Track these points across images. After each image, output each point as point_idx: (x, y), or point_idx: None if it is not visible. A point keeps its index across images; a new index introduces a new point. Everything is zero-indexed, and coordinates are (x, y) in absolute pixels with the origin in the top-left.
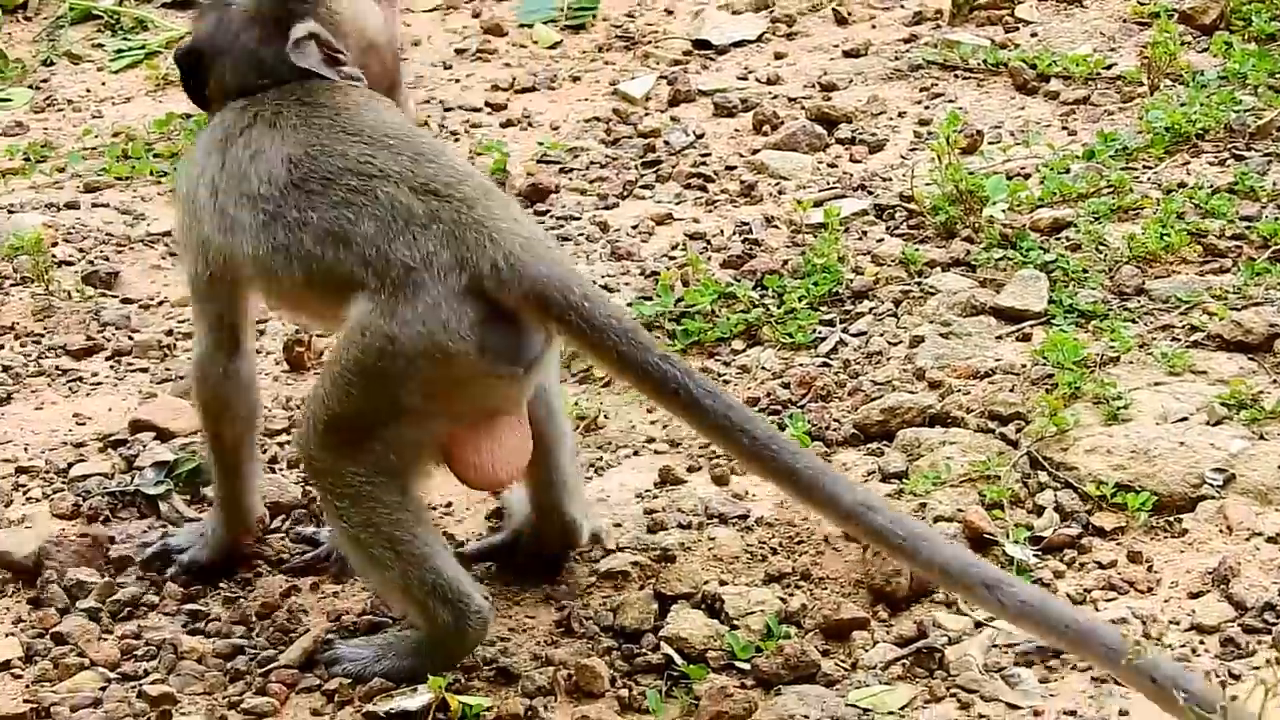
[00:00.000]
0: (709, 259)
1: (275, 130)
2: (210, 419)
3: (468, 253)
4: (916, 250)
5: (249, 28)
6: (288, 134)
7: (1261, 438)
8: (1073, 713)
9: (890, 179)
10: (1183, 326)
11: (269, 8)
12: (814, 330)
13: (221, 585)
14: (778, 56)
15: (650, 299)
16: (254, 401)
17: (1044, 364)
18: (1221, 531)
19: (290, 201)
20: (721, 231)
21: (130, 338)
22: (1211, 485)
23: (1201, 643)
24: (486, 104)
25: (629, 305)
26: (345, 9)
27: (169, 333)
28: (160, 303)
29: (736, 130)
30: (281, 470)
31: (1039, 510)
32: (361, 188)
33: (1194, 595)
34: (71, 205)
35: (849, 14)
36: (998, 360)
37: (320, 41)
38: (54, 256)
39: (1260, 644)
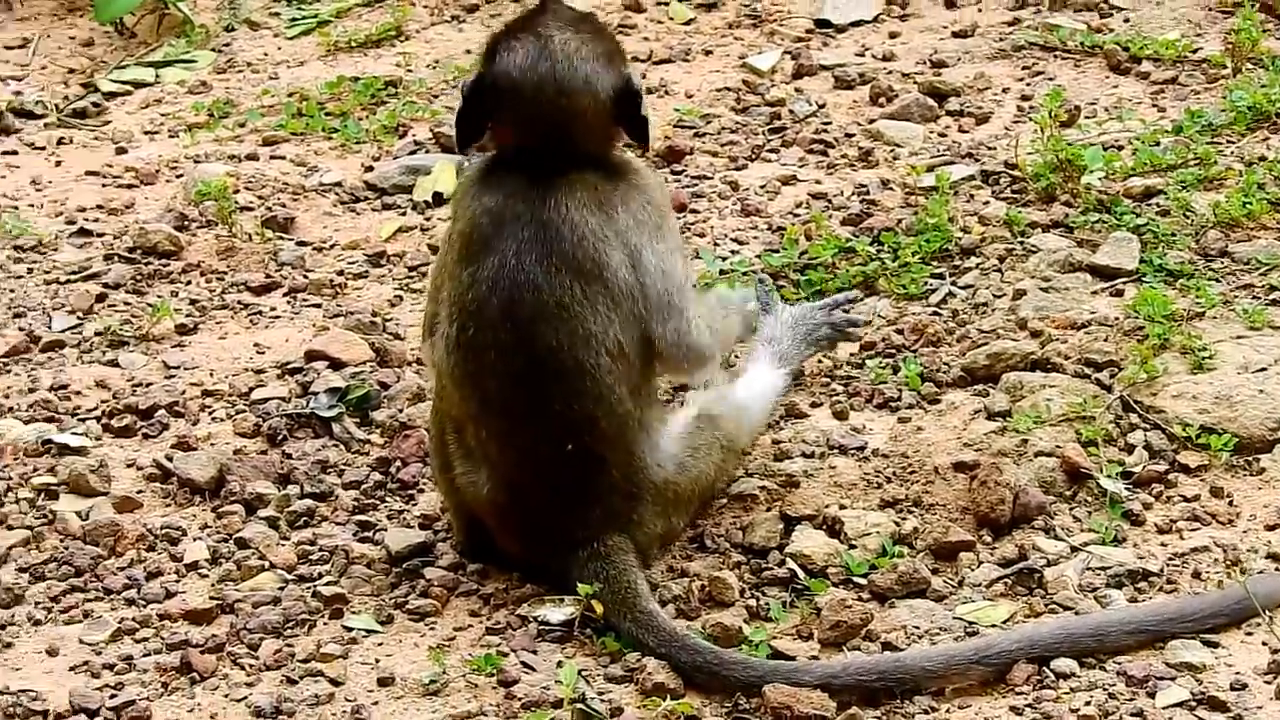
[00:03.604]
0: (830, 216)
1: None
2: None
3: None
4: (1019, 212)
5: None
6: None
7: None
8: None
9: (995, 148)
10: (1262, 286)
11: None
12: (926, 282)
13: (387, 500)
14: (892, 35)
15: (777, 251)
16: None
17: (1135, 317)
18: None
19: None
20: (841, 192)
21: (305, 276)
22: None
23: (1276, 569)
24: None
25: (757, 257)
26: None
27: (340, 273)
28: (332, 246)
29: (855, 101)
30: None
31: (1130, 448)
32: None
33: (1270, 527)
34: (251, 157)
35: None
36: (1093, 313)
37: None
38: (236, 202)
39: None
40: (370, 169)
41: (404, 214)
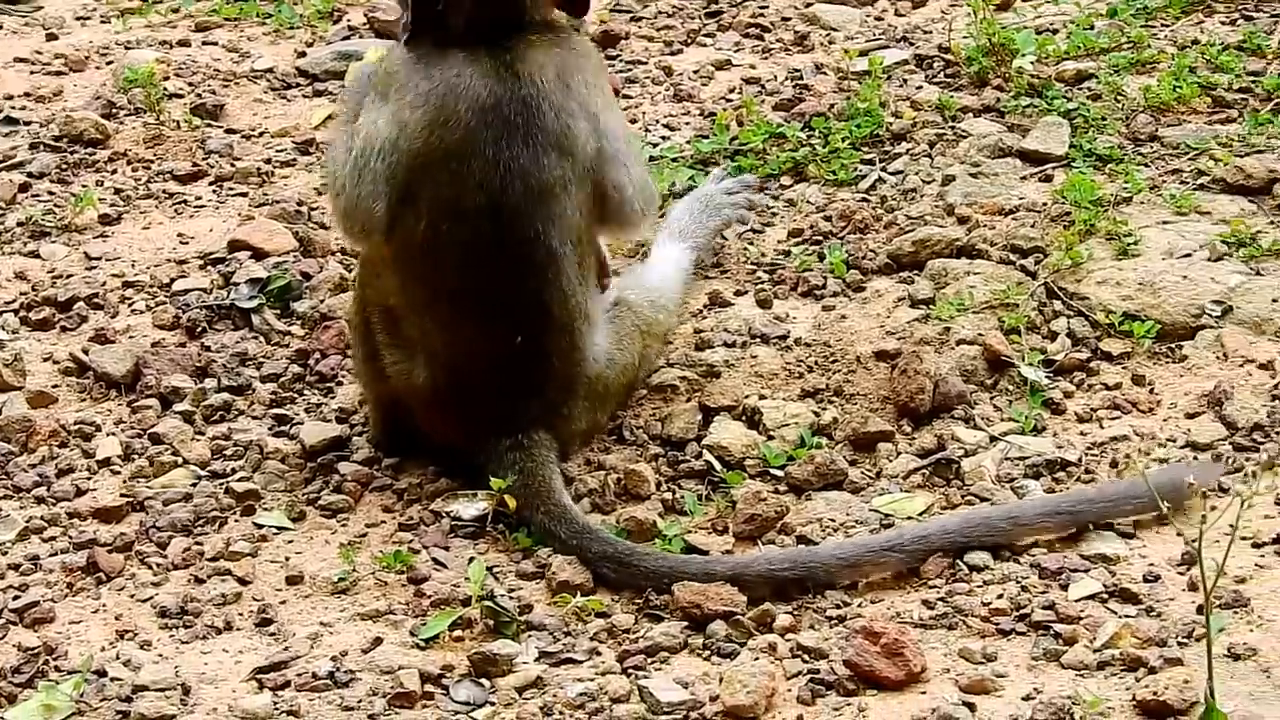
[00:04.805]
0: (762, 102)
1: None
2: None
3: None
4: (951, 97)
5: None
6: None
7: (1258, 273)
8: None
9: (931, 32)
10: (1190, 171)
11: None
12: (855, 168)
13: (305, 393)
14: None
15: (707, 137)
16: None
17: (1063, 203)
18: (1218, 358)
19: None
20: (775, 77)
21: (232, 165)
22: (1210, 316)
23: (1195, 459)
24: None
25: (688, 143)
26: None
27: (268, 161)
28: (261, 133)
29: None
30: None
31: (1053, 336)
32: None
33: (1190, 416)
34: (183, 43)
35: None
36: (1021, 198)
37: None
38: (165, 89)
39: (1249, 460)
40: (303, 55)
41: (335, 100)
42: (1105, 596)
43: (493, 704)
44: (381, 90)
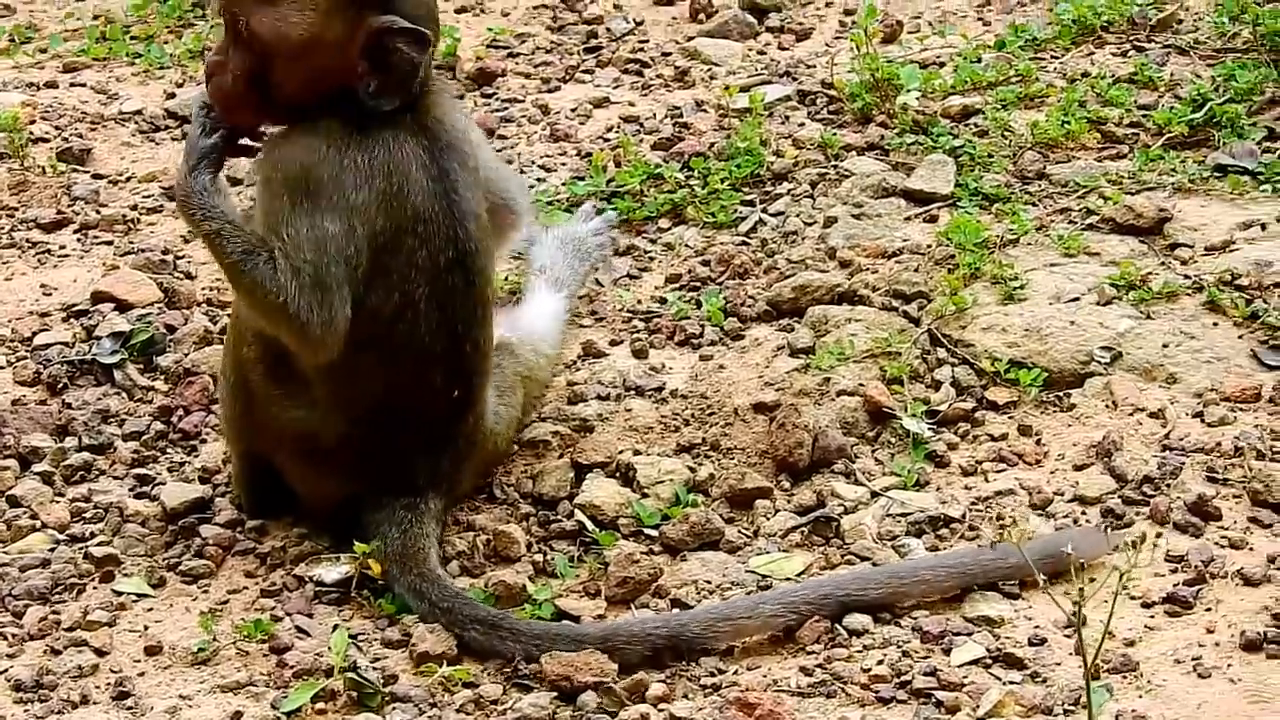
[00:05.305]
0: (641, 141)
1: None
2: None
3: None
4: (834, 134)
5: None
6: None
7: (1148, 317)
8: None
9: (815, 66)
10: (1079, 210)
11: None
12: (735, 210)
13: (168, 451)
14: None
15: (583, 178)
16: None
17: (948, 245)
18: (1107, 407)
19: None
20: (654, 114)
21: (98, 212)
22: (1099, 363)
23: (1084, 513)
24: None
25: (564, 185)
26: None
27: (134, 207)
28: (129, 178)
29: (674, 18)
30: None
31: (936, 385)
32: None
33: (1079, 468)
34: (50, 85)
35: None
36: (905, 240)
37: None
38: (31, 133)
39: (1138, 514)
40: (172, 96)
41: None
42: (989, 662)
43: None
44: (304, 190)
